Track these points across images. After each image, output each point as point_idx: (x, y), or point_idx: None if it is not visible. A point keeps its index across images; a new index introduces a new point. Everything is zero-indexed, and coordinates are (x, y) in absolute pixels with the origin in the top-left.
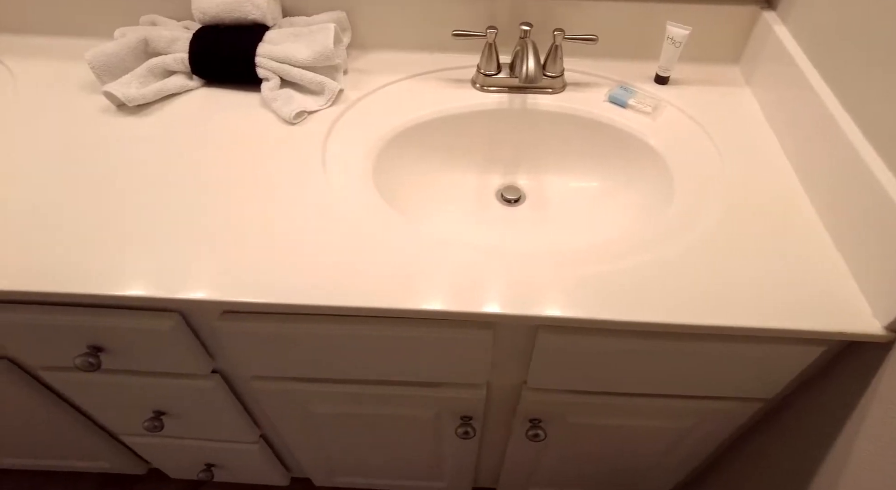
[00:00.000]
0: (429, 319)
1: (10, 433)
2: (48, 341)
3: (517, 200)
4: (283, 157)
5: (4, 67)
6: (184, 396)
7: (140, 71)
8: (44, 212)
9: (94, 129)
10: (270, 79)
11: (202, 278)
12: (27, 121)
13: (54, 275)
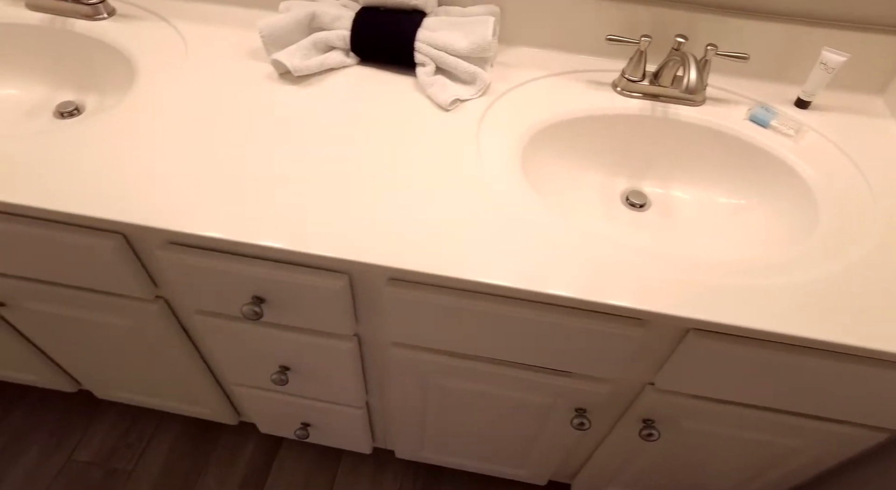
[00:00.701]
0: (578, 309)
1: (127, 369)
2: (220, 288)
3: (642, 206)
4: (439, 141)
5: (177, 32)
6: (317, 355)
7: (305, 43)
8: (225, 166)
9: (260, 94)
10: (426, 64)
11: (373, 244)
12: (199, 83)
13: (237, 226)
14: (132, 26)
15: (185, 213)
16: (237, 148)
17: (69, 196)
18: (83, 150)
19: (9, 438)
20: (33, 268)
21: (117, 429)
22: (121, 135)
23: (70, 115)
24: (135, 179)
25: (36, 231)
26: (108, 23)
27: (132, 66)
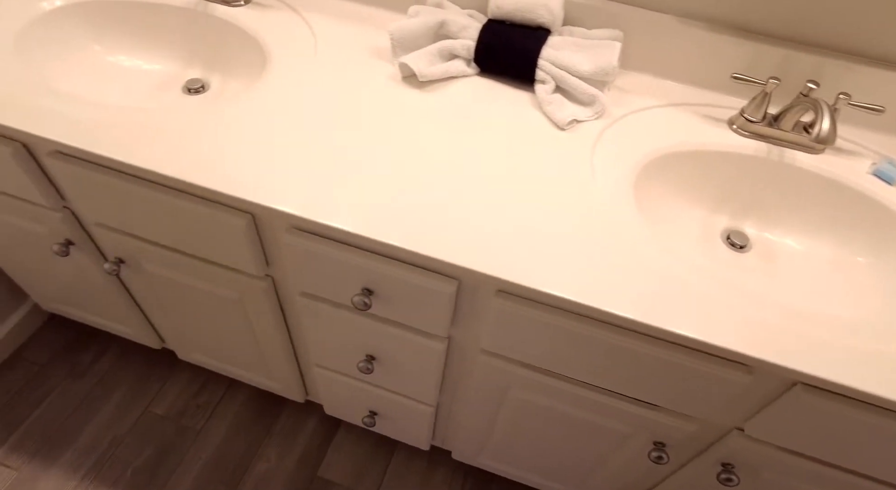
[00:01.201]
0: (684, 346)
1: (214, 336)
2: (334, 276)
3: (743, 247)
4: (554, 159)
5: (307, 25)
6: (407, 350)
7: (431, 50)
8: (348, 161)
9: (383, 95)
10: (547, 82)
11: (486, 253)
12: (327, 76)
13: (361, 221)
14: (266, 15)
15: (312, 201)
16: (360, 145)
17: (206, 171)
18: (220, 128)
19: (96, 382)
20: (159, 233)
21: (190, 389)
22: (254, 118)
23: (196, 91)
24: (265, 163)
25: (168, 199)
26: (245, 9)
27: (263, 53)
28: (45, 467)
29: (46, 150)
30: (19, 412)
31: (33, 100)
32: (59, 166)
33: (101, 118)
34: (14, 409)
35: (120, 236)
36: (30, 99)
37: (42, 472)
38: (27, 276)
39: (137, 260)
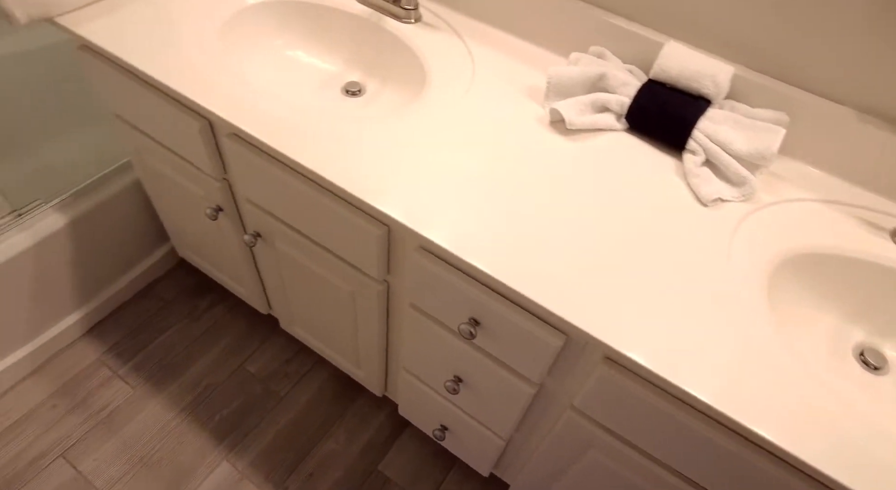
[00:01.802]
0: (794, 468)
1: (319, 316)
2: (447, 299)
3: (878, 368)
4: (689, 234)
5: (468, 52)
6: (496, 384)
7: (584, 99)
8: (482, 192)
9: (529, 136)
10: (697, 154)
11: (600, 316)
12: (478, 106)
13: (488, 256)
14: (432, 36)
15: (443, 227)
16: (497, 179)
17: (357, 180)
18: (376, 140)
19: (207, 328)
20: (299, 220)
21: (282, 355)
22: (407, 136)
23: (353, 94)
24: (409, 182)
25: (315, 195)
26: (413, 27)
27: (423, 72)
28: (153, 393)
29: (226, 132)
30: (144, 338)
31: (225, 84)
32: (231, 146)
33: (276, 112)
34: (141, 335)
35: (263, 214)
36: (223, 83)
37: (150, 397)
38: (174, 225)
39: (272, 237)
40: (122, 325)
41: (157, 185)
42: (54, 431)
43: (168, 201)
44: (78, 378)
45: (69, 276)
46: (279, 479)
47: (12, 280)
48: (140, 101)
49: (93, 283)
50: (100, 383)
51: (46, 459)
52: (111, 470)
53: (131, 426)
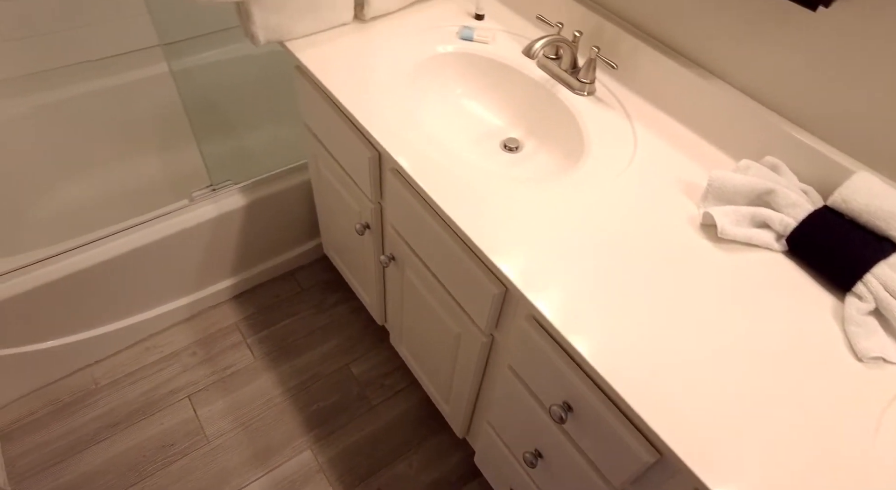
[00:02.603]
0: None
1: (424, 343)
2: (545, 375)
3: None
4: (832, 387)
5: (633, 135)
6: (575, 474)
7: (744, 211)
8: (611, 278)
9: (676, 235)
10: (864, 300)
11: (707, 450)
12: (631, 191)
13: (596, 344)
14: (600, 112)
15: (557, 303)
16: (629, 269)
17: (483, 230)
18: (521, 203)
19: (328, 322)
20: (430, 257)
21: (383, 368)
22: (553, 207)
23: (510, 150)
24: (543, 252)
25: (450, 241)
26: (585, 100)
27: (582, 144)
28: (269, 367)
29: (390, 166)
30: (275, 316)
31: (402, 124)
32: (391, 179)
33: (436, 157)
34: (273, 312)
35: (401, 242)
36: (400, 123)
37: (266, 370)
38: (326, 226)
39: (404, 263)
40: (261, 299)
41: (323, 190)
42: (188, 375)
43: (327, 206)
44: (216, 335)
45: (234, 247)
46: (350, 484)
47: (193, 241)
48: (328, 120)
49: (250, 257)
50: (231, 345)
51: (177, 397)
52: (220, 423)
53: (244, 391)
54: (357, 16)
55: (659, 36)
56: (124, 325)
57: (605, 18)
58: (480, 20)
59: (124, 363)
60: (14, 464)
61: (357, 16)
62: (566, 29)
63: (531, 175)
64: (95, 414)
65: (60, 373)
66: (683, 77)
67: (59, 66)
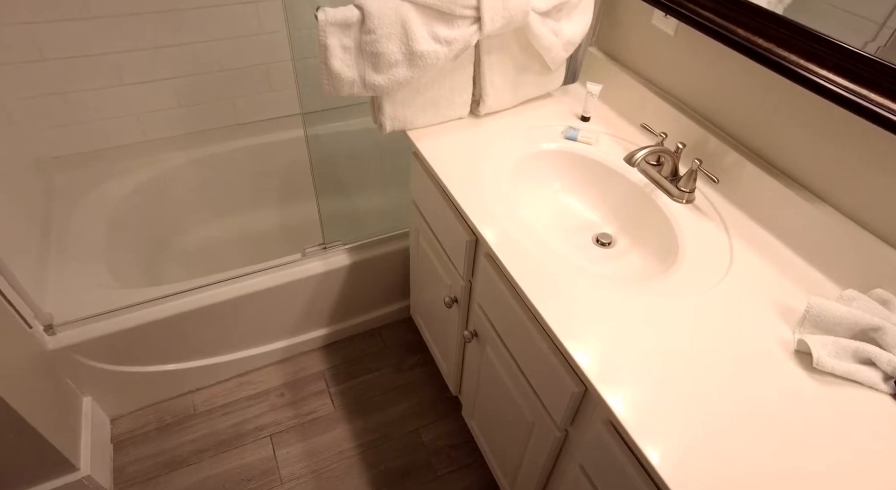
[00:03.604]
0: None
1: (496, 427)
2: (616, 483)
3: None
4: None
5: (729, 249)
6: None
7: (845, 344)
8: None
9: (764, 358)
10: None
11: None
12: (719, 307)
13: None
14: (697, 221)
15: (635, 408)
16: (713, 388)
17: (568, 325)
18: (605, 305)
19: (404, 384)
20: (512, 340)
21: (452, 439)
22: (634, 308)
23: (603, 245)
24: (617, 348)
25: (533, 332)
26: (682, 207)
27: (676, 252)
28: (345, 420)
29: (485, 251)
30: (357, 370)
31: (501, 215)
32: (484, 263)
33: (530, 248)
34: (356, 366)
35: (486, 321)
36: (500, 213)
37: (342, 422)
38: (416, 292)
39: (485, 341)
40: (347, 351)
41: (419, 260)
42: (273, 414)
43: (421, 274)
44: (303, 380)
45: (332, 300)
46: None
47: (299, 292)
48: (434, 201)
49: (343, 311)
50: (315, 392)
51: (260, 434)
52: (295, 466)
53: (321, 438)
54: (472, 111)
55: (763, 153)
56: (227, 359)
57: (709, 132)
58: (586, 122)
59: (221, 394)
60: (121, 471)
61: (472, 111)
62: (670, 139)
63: (621, 274)
64: (190, 437)
65: (168, 394)
66: (787, 197)
67: (215, 127)
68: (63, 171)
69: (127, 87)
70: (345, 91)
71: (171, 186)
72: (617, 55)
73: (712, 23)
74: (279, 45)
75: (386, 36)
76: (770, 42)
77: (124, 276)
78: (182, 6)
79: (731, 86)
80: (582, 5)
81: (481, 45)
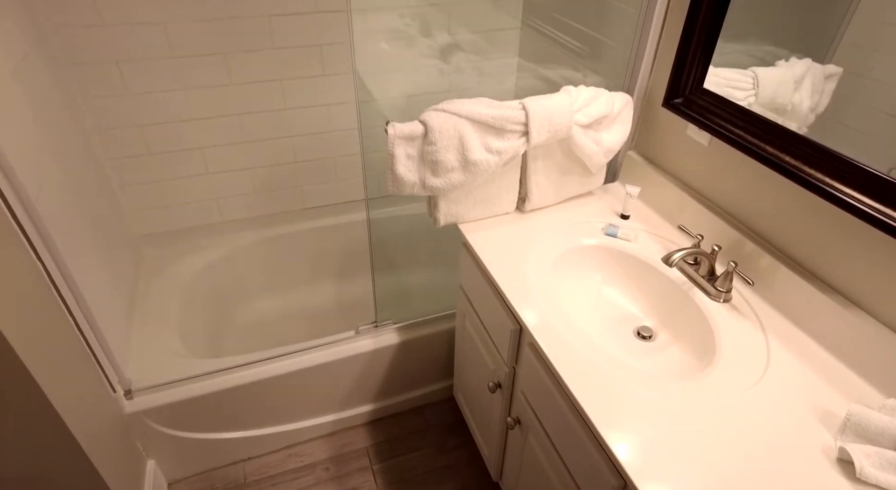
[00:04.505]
0: None
1: None
2: None
3: None
4: None
5: (766, 349)
6: None
7: (890, 456)
8: None
9: (802, 461)
10: None
11: None
12: (755, 407)
13: None
14: (734, 320)
15: None
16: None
17: (606, 415)
18: (646, 400)
19: (446, 464)
20: (557, 434)
21: None
22: (672, 404)
23: (644, 338)
24: (652, 441)
25: (574, 419)
26: (720, 306)
27: (713, 350)
28: None
29: (529, 340)
30: (400, 448)
31: (544, 305)
32: (528, 351)
33: (573, 342)
34: (399, 444)
35: (528, 409)
36: (543, 304)
37: None
38: (460, 373)
39: (528, 429)
40: (391, 429)
41: (464, 343)
42: (318, 488)
43: (465, 357)
44: (348, 456)
45: (379, 378)
46: None
47: (350, 368)
48: (481, 289)
49: (389, 388)
50: (359, 468)
51: None
52: None
53: None
54: (518, 207)
55: (797, 258)
56: (279, 430)
57: (744, 235)
58: (626, 220)
59: (270, 465)
60: None
61: (518, 207)
62: (706, 240)
63: (661, 368)
64: None
65: (222, 462)
66: (822, 301)
67: (283, 211)
68: (151, 247)
69: (212, 175)
70: (406, 191)
71: (239, 263)
72: (654, 159)
73: (743, 139)
74: (344, 141)
75: (445, 147)
76: (798, 160)
77: (194, 344)
78: (272, 108)
79: (763, 194)
80: (621, 117)
81: (528, 153)
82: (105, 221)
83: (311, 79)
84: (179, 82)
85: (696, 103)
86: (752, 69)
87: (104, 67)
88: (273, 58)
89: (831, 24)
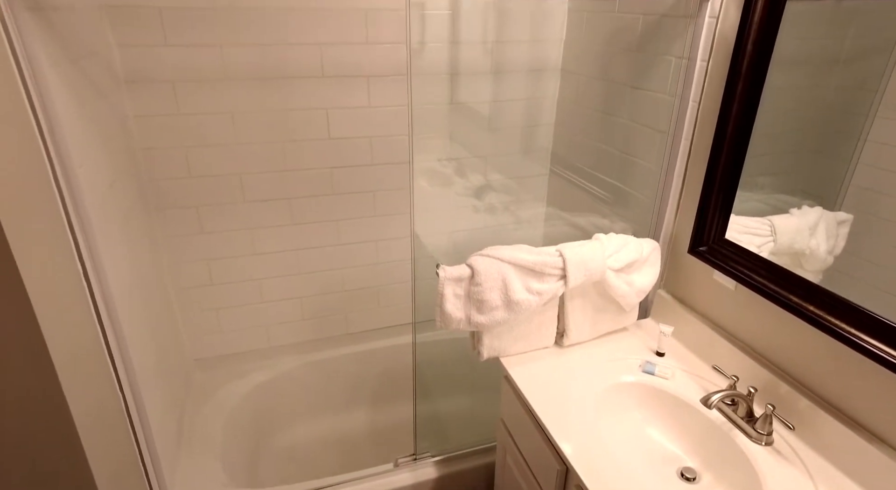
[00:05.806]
0: None
1: None
2: None
3: None
4: None
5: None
6: None
7: None
8: None
9: None
10: None
11: None
12: None
13: None
14: (779, 465)
15: None
16: None
17: None
18: None
19: None
20: None
21: None
22: None
23: (688, 480)
24: None
25: None
26: (762, 449)
27: None
28: None
29: (575, 482)
30: None
31: (589, 444)
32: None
33: (620, 483)
34: None
35: None
36: (587, 443)
37: None
38: None
39: None
40: None
41: (505, 479)
42: None
43: (504, 489)
44: None
45: None
46: None
47: None
48: (523, 424)
49: None
50: None
51: None
52: None
53: None
54: (557, 342)
55: (834, 402)
56: None
57: (778, 377)
58: (661, 357)
59: None
60: None
61: (557, 342)
62: (741, 382)
63: None
64: None
65: None
66: (868, 451)
67: (329, 336)
68: (201, 371)
69: (264, 303)
70: (452, 327)
71: (281, 388)
72: (684, 299)
73: (766, 287)
74: (386, 271)
75: (490, 288)
76: (821, 309)
77: (234, 471)
78: (327, 244)
79: (791, 337)
80: (650, 260)
81: (566, 293)
82: (167, 346)
83: (363, 219)
84: (247, 223)
85: (720, 252)
86: (768, 218)
87: (185, 212)
88: (331, 201)
89: (838, 168)
